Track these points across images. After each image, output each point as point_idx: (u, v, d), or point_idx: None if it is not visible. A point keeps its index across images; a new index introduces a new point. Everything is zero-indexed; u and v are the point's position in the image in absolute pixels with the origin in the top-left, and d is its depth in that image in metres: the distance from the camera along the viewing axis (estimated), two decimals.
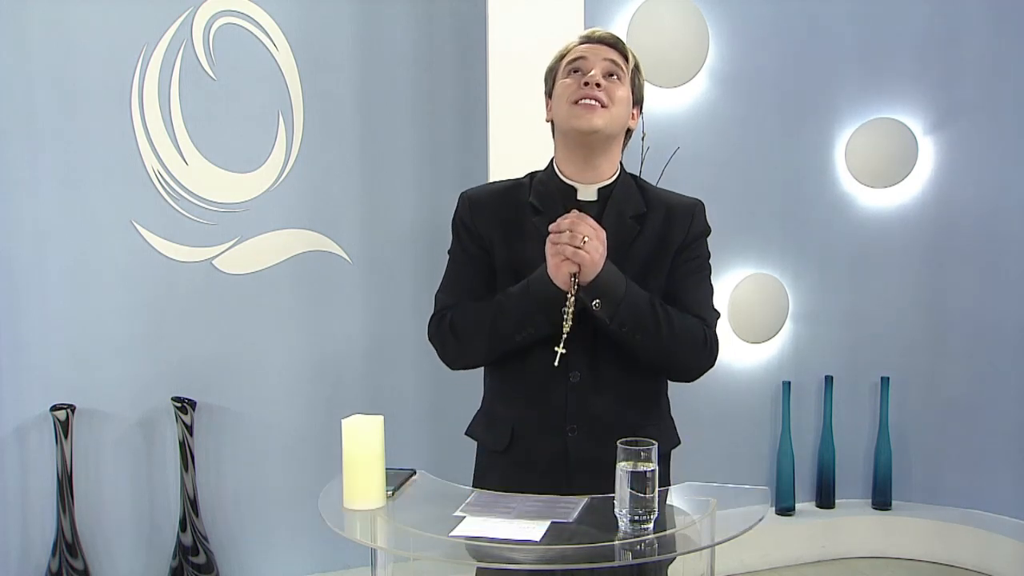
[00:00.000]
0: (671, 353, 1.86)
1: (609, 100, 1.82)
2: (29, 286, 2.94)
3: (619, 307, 1.78)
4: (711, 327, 1.91)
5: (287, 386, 3.23)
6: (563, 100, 1.85)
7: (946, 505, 3.79)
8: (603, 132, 1.83)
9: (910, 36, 3.71)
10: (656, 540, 1.54)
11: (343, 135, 3.23)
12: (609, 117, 1.83)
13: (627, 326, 1.79)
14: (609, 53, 1.86)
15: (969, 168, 3.70)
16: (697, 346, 1.87)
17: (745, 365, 3.75)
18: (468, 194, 1.98)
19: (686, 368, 1.91)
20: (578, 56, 1.86)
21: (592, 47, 1.87)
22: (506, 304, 1.84)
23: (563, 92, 1.86)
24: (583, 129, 1.82)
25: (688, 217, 1.92)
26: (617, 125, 1.86)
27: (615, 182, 1.91)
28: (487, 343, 1.88)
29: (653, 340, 1.82)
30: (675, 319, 1.84)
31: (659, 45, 3.42)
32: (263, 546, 3.23)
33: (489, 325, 1.85)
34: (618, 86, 1.85)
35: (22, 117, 2.89)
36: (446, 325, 1.91)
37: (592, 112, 1.81)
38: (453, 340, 1.90)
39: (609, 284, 1.77)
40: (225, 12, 3.07)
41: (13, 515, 2.97)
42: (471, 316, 1.88)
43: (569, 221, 1.75)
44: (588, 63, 1.85)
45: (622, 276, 1.80)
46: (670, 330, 1.82)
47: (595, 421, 1.85)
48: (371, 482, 1.67)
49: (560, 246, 1.74)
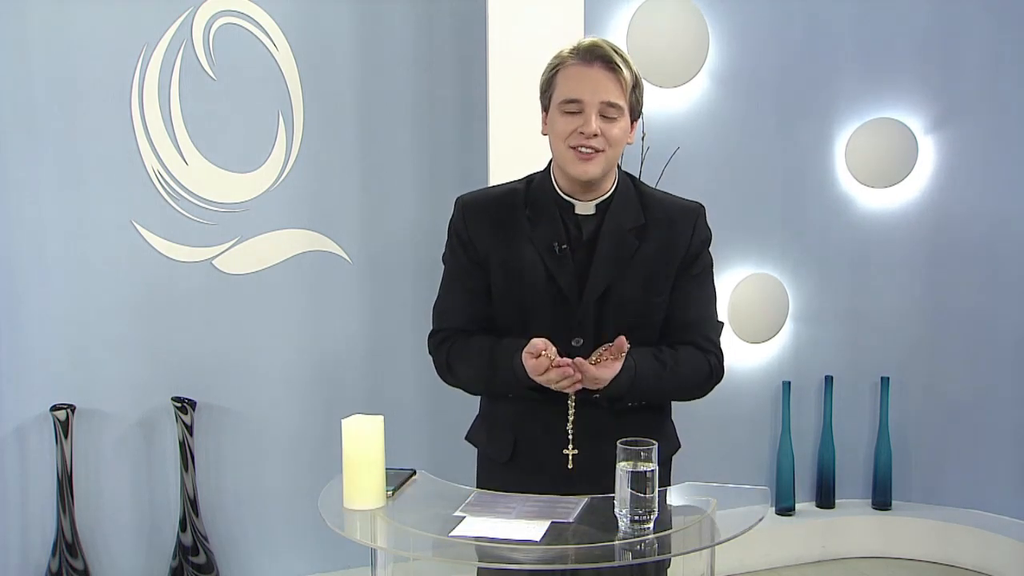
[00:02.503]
0: (677, 395, 1.94)
1: (607, 144, 1.79)
2: (29, 286, 2.93)
3: (621, 400, 1.82)
4: (716, 350, 1.92)
5: (287, 386, 3.23)
6: (559, 139, 1.82)
7: (946, 505, 3.79)
8: (600, 175, 1.83)
9: (910, 36, 3.70)
10: (656, 540, 1.54)
11: (343, 135, 3.23)
12: (606, 161, 1.81)
13: (630, 403, 1.84)
14: (606, 86, 1.78)
15: (969, 168, 3.70)
16: (702, 382, 1.91)
17: (745, 365, 3.74)
18: (463, 201, 1.95)
19: (692, 397, 1.96)
20: (574, 99, 1.78)
21: (588, 74, 1.78)
22: (503, 371, 1.82)
23: (560, 129, 1.81)
24: (581, 178, 1.82)
25: (689, 227, 1.90)
26: (613, 162, 1.85)
27: (613, 193, 1.89)
28: (482, 389, 1.97)
29: (657, 397, 1.90)
30: (681, 368, 1.85)
31: (659, 45, 3.42)
32: (263, 546, 3.23)
33: (484, 382, 1.90)
34: (614, 123, 1.80)
35: (22, 117, 2.89)
36: (443, 358, 1.93)
37: (589, 161, 1.80)
38: (450, 376, 1.95)
39: (614, 388, 1.78)
40: (225, 12, 3.07)
41: (13, 515, 2.97)
42: (466, 365, 1.90)
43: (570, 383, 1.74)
44: (584, 104, 1.78)
45: (632, 370, 1.78)
46: (676, 382, 1.86)
47: (596, 432, 1.84)
48: (371, 482, 1.68)
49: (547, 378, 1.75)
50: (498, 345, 1.84)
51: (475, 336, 1.90)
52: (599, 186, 1.87)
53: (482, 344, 1.87)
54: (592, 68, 1.79)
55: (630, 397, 1.81)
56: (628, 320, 1.83)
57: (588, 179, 1.82)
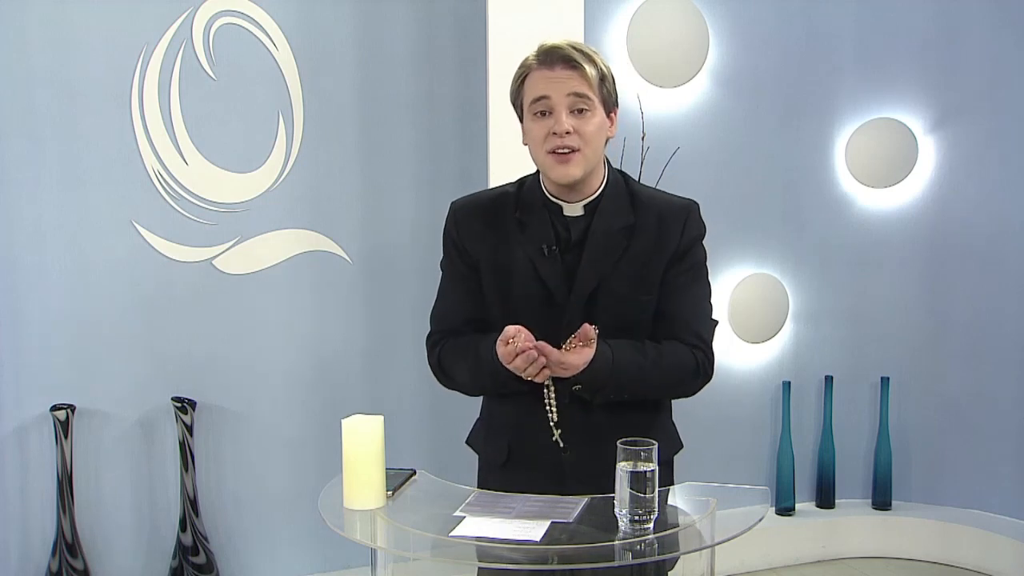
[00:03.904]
0: (662, 392, 1.91)
1: (582, 141, 1.78)
2: (29, 286, 2.93)
3: (601, 391, 1.80)
4: (704, 346, 1.88)
5: (287, 386, 3.23)
6: (537, 145, 1.82)
7: (946, 505, 3.79)
8: (583, 175, 1.82)
9: (910, 36, 3.70)
10: (656, 540, 1.54)
11: (343, 135, 3.23)
12: (585, 160, 1.80)
13: (613, 395, 1.81)
14: (571, 82, 1.77)
15: (969, 168, 3.70)
16: (688, 378, 1.88)
17: (745, 365, 3.75)
18: (455, 206, 1.96)
19: (678, 394, 1.94)
20: (540, 96, 1.79)
21: (552, 76, 1.78)
22: (486, 363, 1.81)
23: (535, 136, 1.81)
24: (562, 181, 1.82)
25: (680, 223, 1.88)
26: (595, 158, 1.83)
27: (602, 193, 1.88)
28: (473, 390, 1.96)
29: (640, 393, 1.85)
30: (664, 360, 1.83)
31: (659, 45, 3.42)
32: (263, 546, 3.23)
33: (471, 378, 1.89)
34: (588, 118, 1.79)
35: (22, 117, 2.89)
36: (435, 360, 1.94)
37: (568, 162, 1.79)
38: (443, 377, 1.95)
39: (590, 376, 1.76)
40: (225, 12, 3.07)
41: (13, 515, 2.97)
42: (455, 363, 1.91)
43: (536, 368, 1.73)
44: (552, 102, 1.78)
45: (608, 360, 1.76)
46: (660, 380, 1.84)
47: (593, 432, 1.84)
48: (371, 482, 1.67)
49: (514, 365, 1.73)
50: (483, 340, 1.84)
51: (464, 335, 1.91)
52: (585, 187, 1.86)
53: (469, 341, 1.88)
54: (555, 71, 1.79)
55: (612, 390, 1.79)
56: (618, 320, 1.83)
57: (570, 181, 1.81)
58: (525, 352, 1.70)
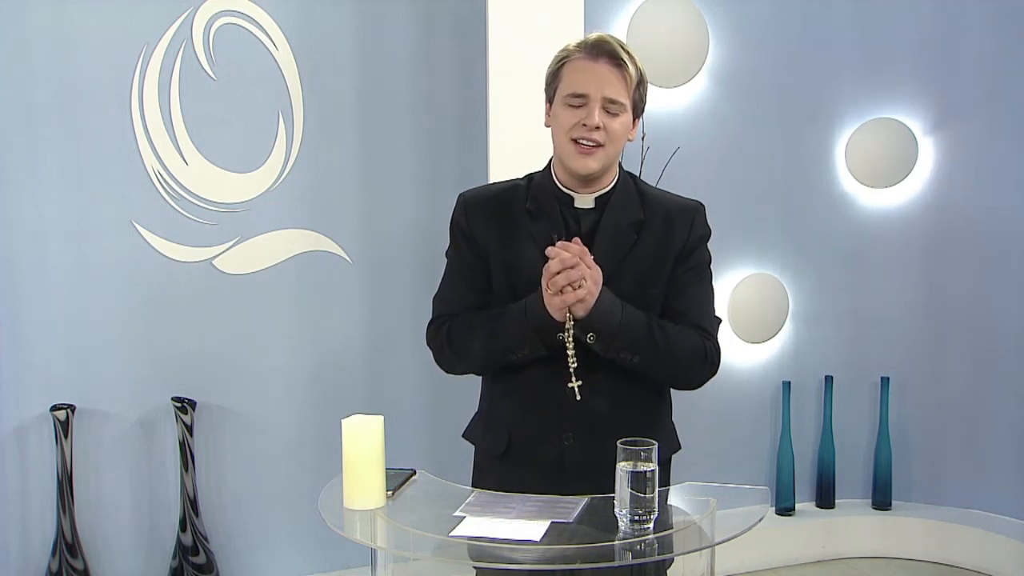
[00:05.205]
0: (670, 370, 1.88)
1: (607, 138, 1.81)
2: (29, 286, 2.93)
3: (614, 340, 1.79)
4: (712, 338, 1.91)
5: (287, 386, 3.23)
6: (562, 131, 1.84)
7: (946, 505, 3.79)
8: (600, 171, 1.85)
9: (910, 36, 3.70)
10: (656, 540, 1.54)
11: (343, 135, 3.23)
12: (606, 157, 1.83)
13: (624, 352, 1.81)
14: (611, 81, 1.81)
15: (969, 168, 3.70)
16: (697, 360, 1.88)
17: (745, 365, 3.75)
18: (465, 196, 1.98)
19: (686, 380, 1.93)
20: (579, 91, 1.81)
21: (594, 68, 1.81)
22: (502, 324, 1.84)
23: (563, 122, 1.84)
24: (580, 172, 1.84)
25: (687, 222, 1.91)
26: (614, 157, 1.87)
27: (613, 188, 1.90)
28: (482, 359, 1.91)
29: (651, 361, 1.83)
30: (674, 337, 1.84)
31: (659, 45, 3.42)
32: (263, 546, 3.23)
33: (485, 342, 1.88)
34: (616, 118, 1.82)
35: (22, 117, 2.89)
36: (443, 336, 1.93)
37: (589, 155, 1.82)
38: (449, 351, 1.93)
39: (603, 319, 1.77)
40: (225, 12, 3.07)
41: (13, 515, 2.97)
42: (468, 331, 1.90)
43: (560, 260, 1.74)
44: (589, 99, 1.81)
45: (618, 304, 1.80)
46: (668, 349, 1.83)
47: (593, 427, 1.84)
48: (371, 482, 1.68)
49: (555, 280, 1.74)
50: (499, 309, 1.87)
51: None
52: (599, 181, 1.88)
53: (486, 313, 1.90)
54: (598, 63, 1.82)
55: (624, 343, 1.79)
56: None
57: (587, 173, 1.84)
58: (574, 264, 1.72)
